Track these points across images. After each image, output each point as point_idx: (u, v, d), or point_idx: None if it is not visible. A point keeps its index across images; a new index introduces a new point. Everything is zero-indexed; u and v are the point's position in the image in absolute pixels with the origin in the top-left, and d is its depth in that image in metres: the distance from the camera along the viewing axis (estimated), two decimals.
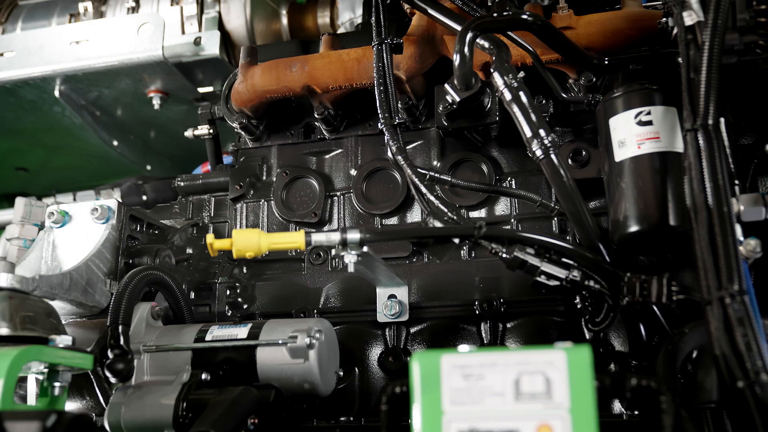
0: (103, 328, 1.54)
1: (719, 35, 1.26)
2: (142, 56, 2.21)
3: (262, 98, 1.84)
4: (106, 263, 1.65)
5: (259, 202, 1.94)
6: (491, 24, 1.46)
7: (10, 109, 2.46)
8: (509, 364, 0.95)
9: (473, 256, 1.74)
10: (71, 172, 3.01)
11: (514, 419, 0.93)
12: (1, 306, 1.35)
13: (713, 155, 1.23)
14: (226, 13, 2.36)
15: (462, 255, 1.74)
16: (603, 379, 1.08)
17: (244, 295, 1.83)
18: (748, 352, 1.09)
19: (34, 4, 2.64)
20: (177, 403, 1.42)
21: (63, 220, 1.70)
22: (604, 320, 1.45)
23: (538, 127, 1.41)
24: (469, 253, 1.74)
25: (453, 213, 1.54)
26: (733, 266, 1.15)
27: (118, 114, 2.59)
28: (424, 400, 0.96)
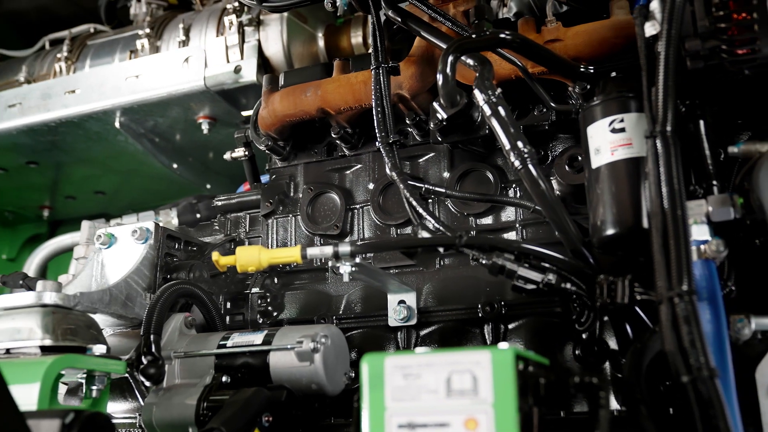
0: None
1: (674, 44, 1.32)
2: (187, 87, 2.42)
3: (283, 122, 2.00)
4: (145, 279, 1.85)
5: (288, 217, 2.10)
6: (470, 45, 1.56)
7: (80, 140, 2.73)
8: (442, 364, 1.06)
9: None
10: (143, 194, 3.28)
11: (445, 414, 1.03)
12: (45, 320, 1.56)
13: (669, 161, 1.28)
14: (265, 40, 2.54)
15: (470, 261, 1.84)
16: (548, 376, 1.17)
17: (273, 304, 1.99)
18: (692, 349, 1.15)
19: (100, 43, 2.92)
20: (198, 403, 1.59)
21: (109, 241, 1.91)
22: (586, 321, 1.51)
23: (516, 139, 1.49)
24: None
25: (439, 224, 1.64)
26: (683, 268, 1.20)
27: (176, 139, 2.82)
28: (371, 397, 1.08)
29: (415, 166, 1.99)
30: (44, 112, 2.61)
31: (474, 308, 1.74)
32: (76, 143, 2.76)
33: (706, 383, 1.11)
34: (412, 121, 1.91)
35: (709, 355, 1.14)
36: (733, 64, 1.40)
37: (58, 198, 3.37)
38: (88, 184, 3.19)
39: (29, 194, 3.31)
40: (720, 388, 1.11)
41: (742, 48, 1.37)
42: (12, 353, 1.56)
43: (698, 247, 1.31)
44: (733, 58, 1.39)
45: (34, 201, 3.41)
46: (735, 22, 1.35)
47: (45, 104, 2.61)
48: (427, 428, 1.04)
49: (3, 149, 2.81)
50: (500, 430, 1.00)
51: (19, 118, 2.65)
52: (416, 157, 1.99)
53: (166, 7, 3.04)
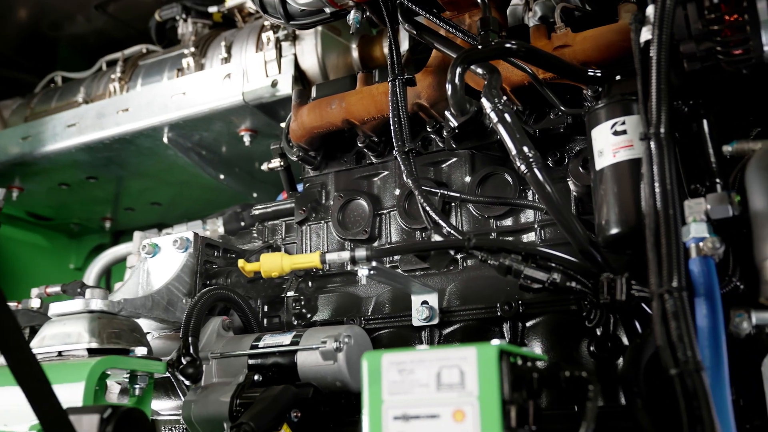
0: None
1: (665, 49, 1.36)
2: (227, 102, 2.56)
3: (312, 133, 2.10)
4: (185, 285, 1.98)
5: (320, 224, 2.20)
6: (477, 56, 1.63)
7: (133, 155, 2.90)
8: (433, 360, 1.13)
9: None
10: (196, 204, 3.45)
11: (435, 406, 1.11)
12: (91, 325, 1.71)
13: (662, 162, 1.33)
14: (301, 54, 2.65)
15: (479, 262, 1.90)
16: (540, 370, 1.23)
17: (307, 306, 2.10)
18: (680, 344, 1.19)
19: (150, 63, 3.09)
20: (232, 400, 1.70)
21: (153, 251, 2.05)
22: (594, 318, 1.56)
23: (522, 144, 1.55)
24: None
25: (451, 228, 1.71)
26: (674, 265, 1.25)
27: (222, 151, 2.96)
28: (370, 391, 1.17)
29: (438, 171, 2.07)
30: (99, 131, 2.79)
31: (493, 307, 1.81)
32: (129, 158, 2.94)
33: (692, 376, 1.16)
34: (432, 128, 1.99)
35: (696, 350, 1.18)
36: (730, 65, 1.43)
37: (118, 210, 3.58)
38: (145, 196, 3.38)
39: (91, 207, 3.52)
40: (706, 382, 1.16)
41: (737, 48, 1.40)
42: (63, 355, 1.70)
43: (697, 245, 1.35)
44: (730, 59, 1.42)
45: (96, 213, 3.63)
46: (727, 24, 1.38)
47: (100, 123, 2.80)
48: (419, 420, 1.12)
49: (64, 166, 3.02)
50: (485, 421, 1.07)
51: (77, 136, 2.84)
52: (439, 163, 2.06)
53: (211, 26, 3.19)
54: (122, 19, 3.51)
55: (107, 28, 3.60)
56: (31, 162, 3.00)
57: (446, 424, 1.10)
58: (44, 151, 2.93)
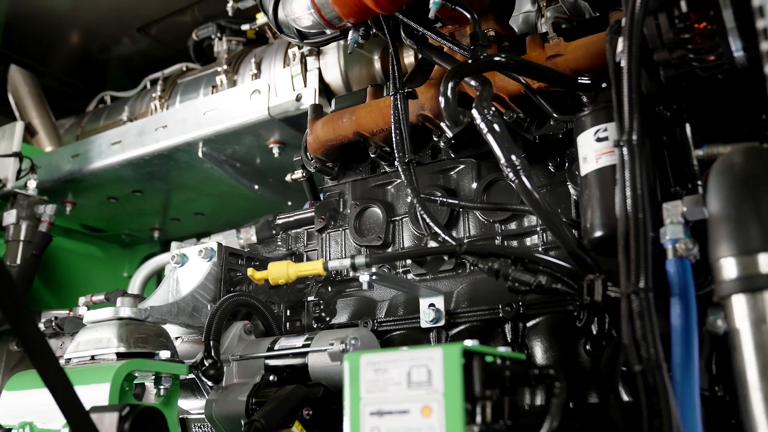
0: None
1: (635, 59, 1.41)
2: (254, 117, 2.69)
3: (326, 146, 2.21)
4: (210, 292, 2.11)
5: (339, 231, 2.31)
6: (467, 70, 1.70)
7: (172, 169, 3.07)
8: (404, 360, 1.22)
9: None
10: (237, 213, 3.61)
11: (406, 402, 1.20)
12: (120, 331, 1.85)
13: (634, 167, 1.38)
14: (325, 68, 2.77)
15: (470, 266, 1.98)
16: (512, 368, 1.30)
17: (327, 310, 2.21)
18: (644, 342, 1.25)
19: (187, 81, 3.27)
20: (248, 399, 1.83)
21: (182, 260, 2.19)
22: (582, 318, 1.62)
23: (510, 153, 1.62)
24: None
25: (446, 234, 1.79)
26: (641, 267, 1.31)
27: (256, 163, 3.10)
28: (350, 389, 1.27)
29: (447, 178, 2.15)
30: (140, 147, 2.97)
31: (496, 309, 1.88)
32: (170, 172, 3.11)
33: (653, 373, 1.22)
34: (438, 137, 2.07)
35: (658, 348, 1.24)
36: (704, 71, 1.47)
37: (165, 220, 3.77)
38: (188, 207, 3.55)
39: (140, 218, 3.73)
40: (666, 378, 1.21)
41: (709, 55, 1.44)
42: (96, 359, 1.85)
43: (673, 246, 1.40)
44: (703, 65, 1.46)
45: (145, 224, 3.83)
46: (697, 32, 1.42)
47: (140, 140, 2.97)
48: (392, 415, 1.21)
49: (111, 181, 3.21)
50: (449, 415, 1.16)
51: (120, 153, 3.03)
52: (448, 170, 2.15)
53: (244, 42, 3.34)
54: (163, 40, 3.70)
55: (151, 49, 3.81)
56: (81, 178, 3.21)
57: (415, 419, 1.19)
58: (92, 167, 3.13)
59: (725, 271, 1.17)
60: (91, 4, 3.53)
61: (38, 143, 3.98)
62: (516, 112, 1.94)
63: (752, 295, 1.12)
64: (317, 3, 1.75)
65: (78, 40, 3.89)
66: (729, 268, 1.16)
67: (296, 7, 1.81)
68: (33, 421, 1.76)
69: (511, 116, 1.92)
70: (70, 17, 3.64)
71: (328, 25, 1.83)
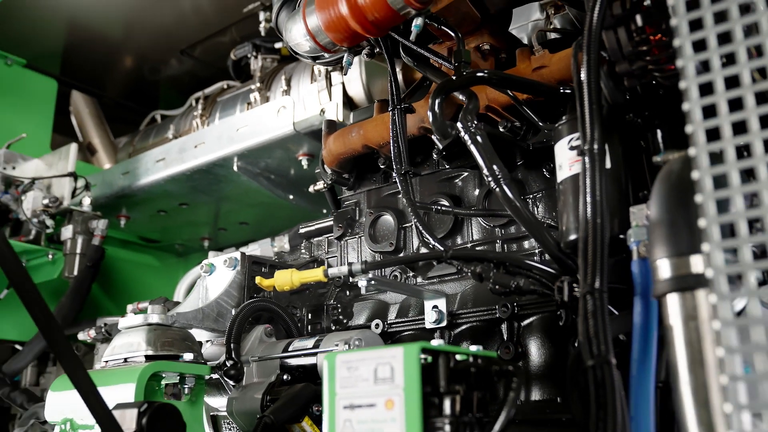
0: None
1: (594, 72, 1.50)
2: (281, 132, 2.85)
3: (339, 159, 2.36)
4: (233, 298, 2.28)
5: (355, 238, 2.45)
6: (451, 86, 1.81)
7: (212, 183, 3.27)
8: (371, 358, 1.35)
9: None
10: (279, 221, 3.78)
11: (373, 396, 1.32)
12: (148, 336, 2.04)
13: (594, 175, 1.47)
14: (348, 82, 2.91)
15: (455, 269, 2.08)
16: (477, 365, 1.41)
17: (344, 313, 2.35)
18: (595, 339, 1.34)
19: (226, 99, 3.47)
20: (263, 396, 1.98)
21: (210, 269, 2.37)
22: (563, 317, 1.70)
23: (492, 163, 1.73)
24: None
25: (435, 240, 1.90)
26: (597, 269, 1.39)
27: (290, 174, 3.27)
28: (328, 386, 1.40)
29: (452, 186, 2.26)
30: (181, 164, 3.18)
31: (493, 309, 1.98)
32: (210, 186, 3.31)
33: (602, 368, 1.30)
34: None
35: (609, 345, 1.32)
36: (666, 80, 1.54)
37: (213, 230, 3.99)
38: (232, 217, 3.76)
39: (189, 229, 3.96)
40: (615, 375, 1.29)
41: (668, 64, 1.51)
42: (128, 361, 2.05)
43: (637, 247, 1.47)
44: (664, 74, 1.53)
45: (195, 234, 4.06)
46: (653, 43, 1.49)
47: (181, 157, 3.18)
48: (361, 408, 1.34)
49: (158, 196, 3.44)
50: (408, 408, 1.27)
51: (164, 170, 3.25)
52: (453, 178, 2.25)
53: (279, 60, 3.52)
54: (206, 61, 3.93)
55: (196, 69, 4.04)
56: (131, 194, 3.45)
57: (380, 412, 1.31)
58: (140, 183, 3.36)
59: (661, 272, 1.24)
60: (140, 30, 3.79)
61: (98, 161, 4.28)
62: (511, 121, 2.03)
63: (683, 293, 1.20)
64: (311, 31, 1.89)
65: (130, 64, 4.17)
66: (664, 268, 1.24)
67: (295, 34, 1.95)
68: (73, 417, 1.95)
69: (506, 125, 2.01)
70: (122, 43, 3.92)
71: (324, 50, 1.97)
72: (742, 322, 0.99)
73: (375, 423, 1.31)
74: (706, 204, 1.05)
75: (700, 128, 1.08)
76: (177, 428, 1.74)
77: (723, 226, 1.04)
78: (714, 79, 1.08)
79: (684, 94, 1.11)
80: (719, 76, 1.08)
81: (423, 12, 1.80)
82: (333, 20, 1.83)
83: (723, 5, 1.10)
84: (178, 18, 3.67)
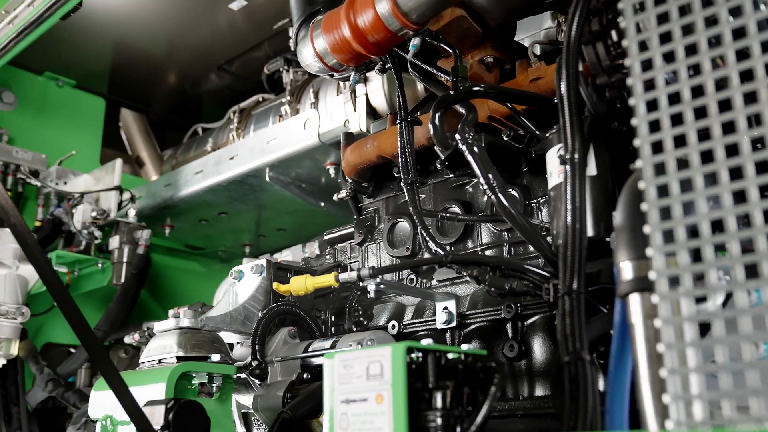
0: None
1: (573, 86, 1.59)
2: (306, 144, 3.00)
3: (356, 169, 2.49)
4: (260, 303, 2.44)
5: (375, 244, 2.58)
6: (450, 100, 1.93)
7: (247, 192, 3.45)
8: (364, 357, 1.47)
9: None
10: (315, 227, 3.94)
11: (365, 392, 1.45)
12: (179, 338, 2.21)
13: (574, 182, 1.56)
14: (371, 93, 3.03)
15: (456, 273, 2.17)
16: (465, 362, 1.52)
17: (365, 315, 2.48)
18: (571, 337, 1.43)
19: (259, 112, 3.65)
20: (284, 394, 2.13)
21: (239, 276, 2.53)
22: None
23: (488, 172, 1.83)
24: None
25: (437, 246, 2.01)
26: (575, 271, 1.49)
27: (321, 182, 3.42)
28: (328, 382, 1.53)
29: (463, 192, 2.36)
30: (217, 176, 3.36)
31: (499, 310, 2.08)
32: (245, 195, 3.48)
33: (576, 364, 1.40)
34: None
35: (584, 342, 1.42)
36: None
37: (253, 237, 4.17)
38: (269, 224, 3.93)
39: (231, 236, 4.14)
40: (589, 371, 1.39)
41: None
42: (162, 362, 2.22)
43: None
44: None
45: (237, 241, 4.25)
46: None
47: (217, 169, 3.36)
48: (356, 402, 1.46)
49: (198, 206, 3.63)
50: (395, 402, 1.39)
51: (201, 181, 3.43)
52: (464, 185, 2.36)
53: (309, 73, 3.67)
54: (242, 75, 4.11)
55: (234, 83, 4.24)
56: (173, 204, 3.65)
57: (371, 406, 1.43)
58: (181, 195, 3.56)
59: (624, 273, 1.33)
60: (181, 47, 4.01)
61: (146, 173, 4.52)
62: (514, 129, 2.13)
63: (642, 293, 1.29)
64: (319, 53, 2.03)
65: (173, 81, 4.39)
66: (627, 270, 1.33)
67: (305, 56, 2.09)
68: (113, 414, 2.13)
69: (509, 134, 2.11)
70: (165, 61, 4.14)
71: (332, 71, 2.10)
72: (678, 320, 1.08)
73: (367, 416, 1.44)
74: (650, 212, 1.15)
75: (647, 142, 1.17)
76: (201, 422, 1.89)
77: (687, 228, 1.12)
78: (659, 96, 1.17)
79: (633, 110, 1.21)
80: (663, 93, 1.17)
81: (420, 32, 1.92)
82: (338, 43, 1.96)
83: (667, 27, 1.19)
84: (214, 35, 3.87)
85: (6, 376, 3.46)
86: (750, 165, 1.04)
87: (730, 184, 1.06)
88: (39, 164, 3.82)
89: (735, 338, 1.01)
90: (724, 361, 1.02)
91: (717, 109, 1.10)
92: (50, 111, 4.09)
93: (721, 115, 1.09)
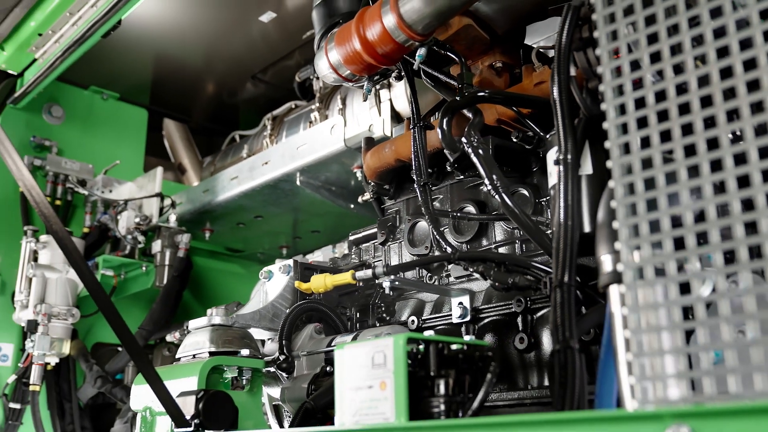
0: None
1: (564, 90, 1.69)
2: (333, 149, 3.13)
3: (377, 172, 2.61)
4: (287, 301, 2.58)
5: (396, 243, 2.69)
6: (457, 105, 2.03)
7: (280, 196, 3.60)
8: (370, 347, 1.59)
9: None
10: (346, 228, 4.05)
11: (371, 379, 1.57)
12: (211, 335, 2.36)
13: (567, 181, 1.66)
14: (395, 98, 3.14)
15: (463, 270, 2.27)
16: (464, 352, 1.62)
17: (388, 311, 2.60)
18: (562, 327, 1.53)
19: (291, 119, 3.80)
20: (308, 386, 2.26)
21: (269, 275, 2.68)
22: None
23: (491, 173, 1.94)
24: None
25: (446, 244, 2.12)
26: (566, 264, 1.58)
27: (350, 185, 3.55)
28: (338, 371, 1.65)
29: (478, 192, 2.46)
30: (251, 181, 3.52)
31: (510, 304, 2.18)
32: (278, 199, 3.64)
33: (565, 352, 1.49)
34: None
35: (573, 331, 1.51)
36: None
37: (289, 239, 4.33)
38: (304, 226, 4.08)
39: (268, 238, 4.31)
40: (577, 359, 1.48)
41: None
42: (196, 357, 2.38)
43: None
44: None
45: (274, 243, 4.41)
46: None
47: (251, 174, 3.52)
48: (362, 389, 1.58)
49: (235, 210, 3.80)
50: (396, 388, 1.51)
51: (237, 187, 3.60)
52: (478, 185, 2.46)
53: None
54: (276, 83, 4.28)
55: (268, 91, 4.41)
56: (211, 209, 3.83)
57: (376, 392, 1.55)
58: (218, 200, 3.73)
59: (604, 266, 1.43)
60: (217, 58, 4.19)
61: (188, 180, 4.72)
62: (523, 131, 2.22)
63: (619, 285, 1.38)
64: (333, 65, 2.16)
65: (211, 90, 4.58)
66: (607, 263, 1.42)
67: (321, 68, 2.22)
68: (151, 406, 2.30)
69: (518, 135, 2.21)
70: (202, 71, 4.33)
71: (346, 81, 2.22)
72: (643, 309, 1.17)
73: (372, 401, 1.56)
74: (618, 209, 1.24)
75: (616, 144, 1.27)
76: (229, 412, 2.04)
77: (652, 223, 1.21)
78: (626, 101, 1.27)
79: (605, 114, 1.30)
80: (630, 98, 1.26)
81: (426, 42, 2.03)
82: (350, 55, 2.08)
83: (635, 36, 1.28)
84: (248, 46, 4.04)
85: (59, 374, 3.69)
86: (705, 164, 1.13)
87: (689, 181, 1.15)
88: (86, 174, 4.05)
89: (685, 324, 1.10)
90: (672, 347, 1.11)
91: (677, 113, 1.19)
92: (96, 123, 4.32)
93: (680, 118, 1.18)
